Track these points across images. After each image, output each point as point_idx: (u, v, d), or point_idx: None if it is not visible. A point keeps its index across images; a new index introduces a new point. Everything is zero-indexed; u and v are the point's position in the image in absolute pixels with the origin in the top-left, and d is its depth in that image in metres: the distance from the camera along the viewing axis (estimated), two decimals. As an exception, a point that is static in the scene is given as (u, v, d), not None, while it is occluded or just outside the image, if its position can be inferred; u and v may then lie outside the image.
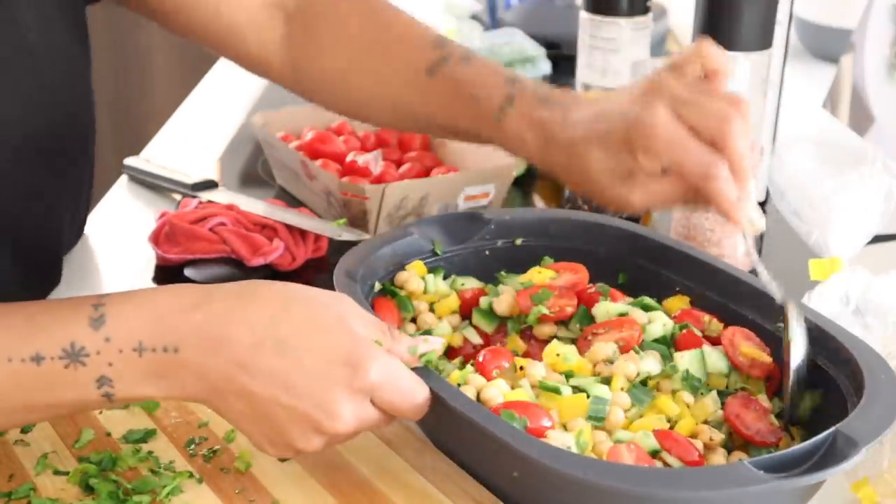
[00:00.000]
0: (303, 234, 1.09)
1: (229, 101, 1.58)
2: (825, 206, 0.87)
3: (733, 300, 0.83)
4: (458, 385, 0.75)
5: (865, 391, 0.70)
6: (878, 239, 0.93)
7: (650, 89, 0.78)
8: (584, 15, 1.15)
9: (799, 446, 0.66)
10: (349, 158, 1.19)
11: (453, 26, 1.73)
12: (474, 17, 1.85)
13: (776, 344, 0.79)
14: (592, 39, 1.14)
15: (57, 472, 0.76)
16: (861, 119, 1.61)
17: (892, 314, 0.83)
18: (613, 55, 1.14)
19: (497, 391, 0.75)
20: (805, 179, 0.89)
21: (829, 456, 0.66)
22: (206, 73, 1.73)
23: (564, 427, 0.74)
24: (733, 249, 1.07)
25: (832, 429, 0.67)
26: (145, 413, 0.82)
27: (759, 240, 1.17)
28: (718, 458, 0.73)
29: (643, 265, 0.89)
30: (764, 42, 1.01)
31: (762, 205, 1.22)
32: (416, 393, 0.71)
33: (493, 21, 1.87)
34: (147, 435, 0.79)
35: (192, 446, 0.79)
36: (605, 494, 0.65)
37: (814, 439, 0.66)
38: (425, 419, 0.74)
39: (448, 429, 0.76)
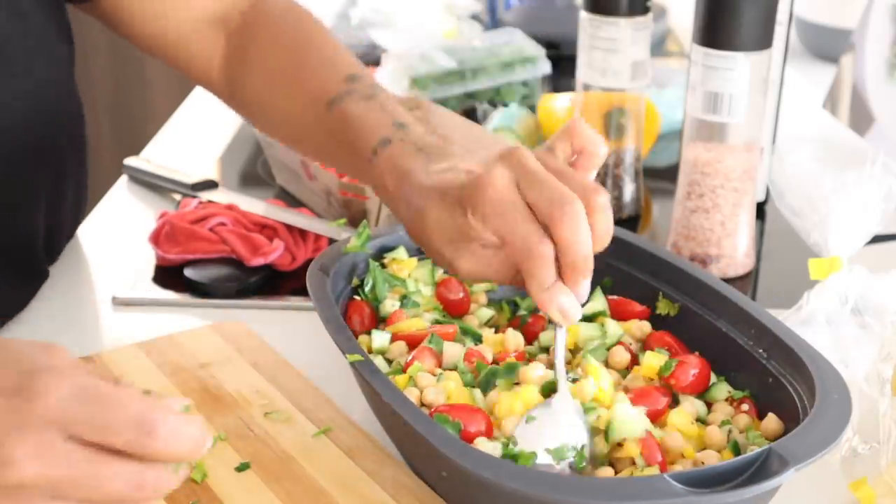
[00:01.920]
0: (303, 234, 1.09)
1: (229, 101, 1.58)
2: (825, 205, 0.87)
3: (713, 314, 0.82)
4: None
5: (812, 411, 0.69)
6: (877, 239, 0.93)
7: (505, 154, 0.71)
8: (584, 15, 1.15)
9: (729, 461, 0.65)
10: (349, 158, 1.19)
11: (453, 26, 1.73)
12: (474, 17, 1.85)
13: (748, 363, 0.79)
14: (592, 39, 1.14)
15: None
16: (861, 119, 1.61)
17: (891, 314, 0.83)
18: (613, 55, 1.14)
19: (436, 392, 0.74)
20: (805, 179, 0.89)
21: (760, 474, 0.64)
22: (207, 73, 1.73)
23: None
24: (733, 250, 1.07)
25: (766, 446, 0.66)
26: None
27: (760, 238, 1.17)
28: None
29: (629, 272, 0.89)
30: (764, 42, 1.01)
31: (762, 205, 1.22)
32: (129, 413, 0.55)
33: (493, 21, 1.87)
34: None
35: None
36: (517, 499, 0.64)
37: (746, 455, 0.65)
38: (381, 419, 0.74)
39: (388, 425, 0.76)
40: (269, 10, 1.01)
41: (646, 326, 0.84)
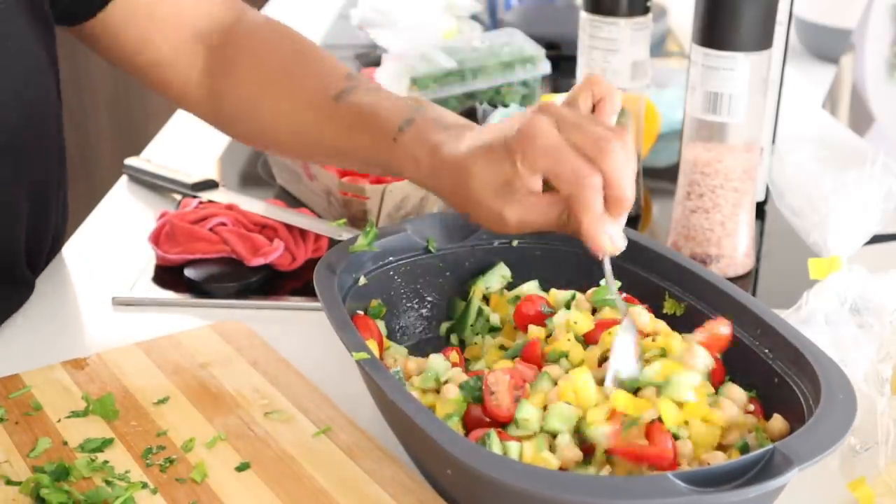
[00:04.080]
0: (303, 234, 1.09)
1: (229, 101, 1.58)
2: (825, 205, 0.87)
3: (717, 314, 0.82)
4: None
5: (817, 411, 0.69)
6: (877, 239, 0.93)
7: (541, 107, 0.79)
8: (584, 15, 1.15)
9: (734, 461, 0.65)
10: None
11: (453, 26, 1.73)
12: (474, 17, 1.85)
13: (754, 363, 0.78)
14: (592, 40, 1.14)
15: (9, 483, 0.74)
16: (861, 119, 1.61)
17: (890, 313, 0.83)
18: (613, 55, 1.14)
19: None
20: (805, 179, 0.89)
21: (764, 473, 0.64)
22: (207, 73, 1.73)
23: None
24: (733, 249, 1.07)
25: (770, 446, 0.66)
26: (104, 421, 0.81)
27: (760, 238, 1.17)
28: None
29: (635, 272, 0.89)
30: (764, 42, 1.01)
31: (762, 205, 1.22)
32: None
33: (493, 21, 1.87)
34: (104, 444, 0.78)
35: (149, 455, 0.77)
36: (522, 497, 0.65)
37: (750, 455, 0.65)
38: (386, 417, 0.74)
39: (394, 423, 0.77)
40: (255, 23, 1.01)
41: (660, 325, 0.84)
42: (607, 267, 0.79)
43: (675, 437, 0.73)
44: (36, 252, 1.04)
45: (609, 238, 0.76)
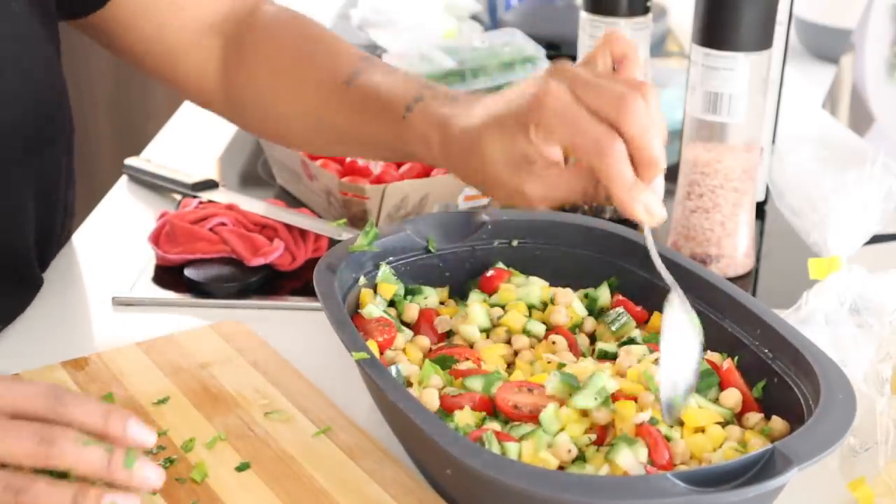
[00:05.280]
0: (303, 234, 1.09)
1: (229, 101, 1.58)
2: (825, 205, 0.87)
3: (717, 313, 0.82)
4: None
5: (816, 410, 0.69)
6: (877, 239, 0.93)
7: (554, 70, 0.73)
8: (584, 15, 1.15)
9: (734, 460, 0.65)
10: (349, 158, 1.20)
11: (453, 26, 1.73)
12: (474, 17, 1.85)
13: (754, 363, 0.79)
14: (592, 40, 1.14)
15: None
16: (861, 119, 1.61)
17: (889, 313, 0.83)
18: (613, 55, 1.14)
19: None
20: (805, 179, 0.89)
21: (763, 473, 0.64)
22: (207, 74, 1.73)
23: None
24: (733, 249, 1.07)
25: (770, 446, 0.66)
26: None
27: (760, 238, 1.17)
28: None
29: (634, 271, 0.89)
30: (764, 42, 1.01)
31: (762, 205, 1.22)
32: None
33: (493, 21, 1.87)
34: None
35: (150, 455, 0.77)
36: (522, 497, 0.65)
37: (750, 454, 0.65)
38: (386, 417, 0.74)
39: (394, 423, 0.77)
40: (269, 13, 1.01)
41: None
42: (648, 239, 0.72)
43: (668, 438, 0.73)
44: (44, 251, 1.04)
45: (644, 207, 0.69)
